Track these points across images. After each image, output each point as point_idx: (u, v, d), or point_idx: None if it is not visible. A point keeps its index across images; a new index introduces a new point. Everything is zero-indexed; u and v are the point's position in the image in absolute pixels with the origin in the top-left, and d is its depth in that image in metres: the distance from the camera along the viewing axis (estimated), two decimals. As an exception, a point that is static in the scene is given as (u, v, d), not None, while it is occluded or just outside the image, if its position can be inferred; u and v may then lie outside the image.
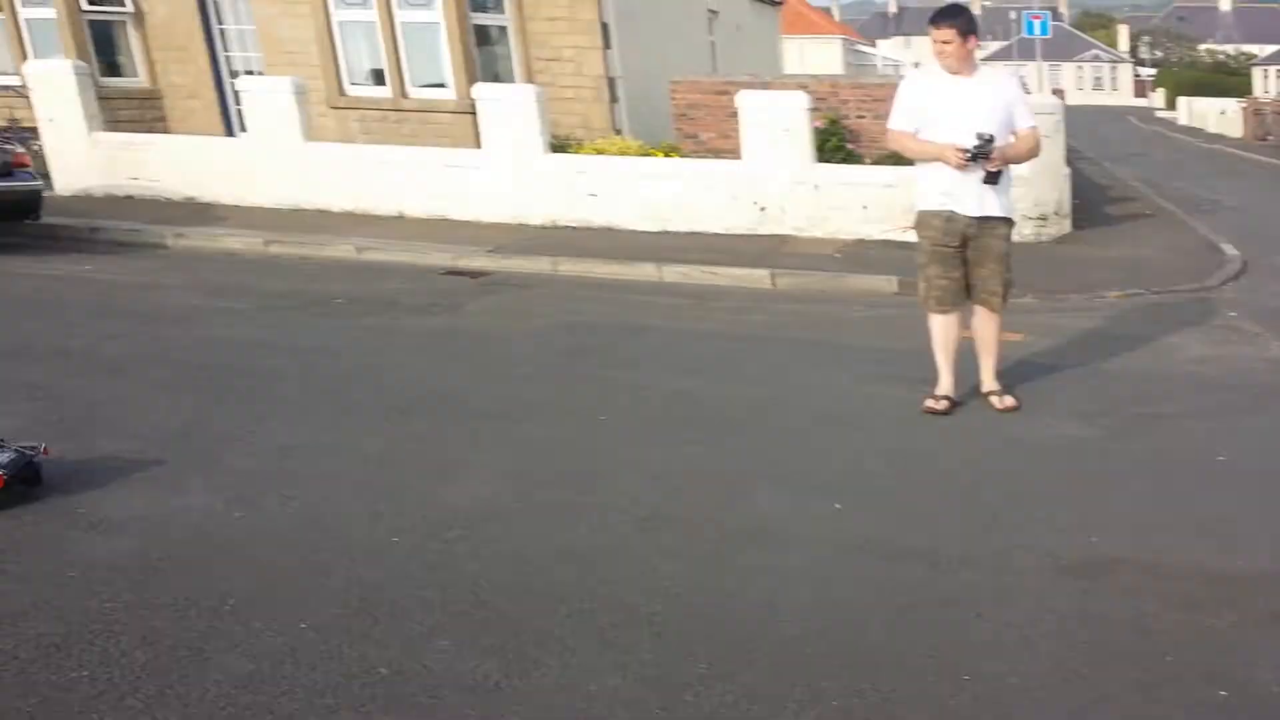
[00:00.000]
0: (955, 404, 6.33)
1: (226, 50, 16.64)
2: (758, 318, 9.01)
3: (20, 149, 11.77)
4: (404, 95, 15.07)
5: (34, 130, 14.03)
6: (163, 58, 16.63)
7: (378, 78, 15.28)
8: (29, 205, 11.35)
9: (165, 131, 15.98)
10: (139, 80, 16.65)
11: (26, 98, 14.39)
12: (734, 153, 12.61)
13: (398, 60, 14.94)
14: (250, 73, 15.70)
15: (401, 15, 14.78)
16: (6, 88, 15.52)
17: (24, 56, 16.02)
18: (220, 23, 16.51)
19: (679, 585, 4.19)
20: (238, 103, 15.95)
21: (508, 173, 12.53)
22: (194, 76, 16.55)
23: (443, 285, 9.94)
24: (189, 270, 10.31)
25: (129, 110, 15.89)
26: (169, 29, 16.43)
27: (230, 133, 16.32)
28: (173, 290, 9.41)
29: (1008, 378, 6.66)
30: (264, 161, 13.20)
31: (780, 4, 27.75)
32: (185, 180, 13.49)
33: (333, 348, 7.70)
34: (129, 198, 13.53)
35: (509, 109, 12.46)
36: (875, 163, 12.66)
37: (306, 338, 7.99)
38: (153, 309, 8.70)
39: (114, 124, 14.56)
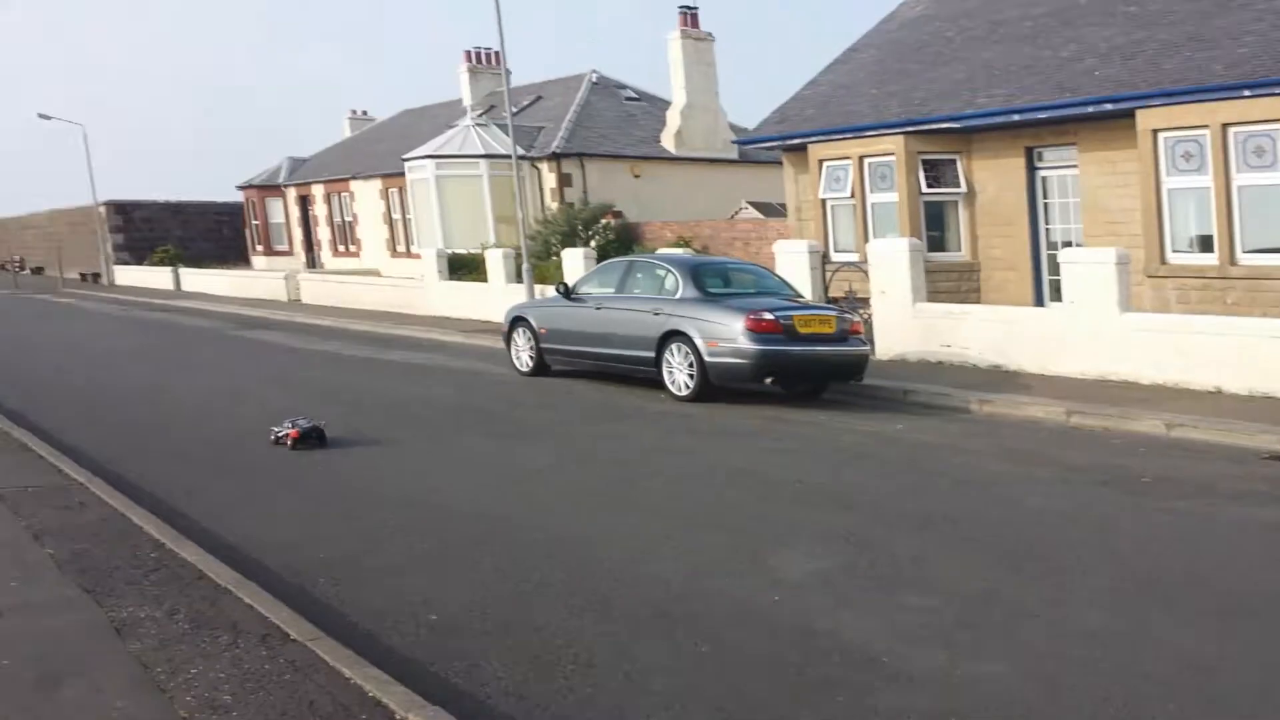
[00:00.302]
0: None
1: (1048, 224, 17.09)
2: None
3: (855, 318, 13.32)
4: (1231, 262, 13.98)
5: (865, 300, 15.75)
6: (986, 233, 17.62)
7: (1203, 244, 14.41)
8: (857, 368, 12.75)
9: (977, 302, 16.84)
10: (960, 254, 17.83)
11: (864, 272, 16.23)
12: None
13: (1229, 225, 13.96)
14: (1067, 244, 15.88)
15: (1240, 179, 13.85)
16: (848, 264, 17.66)
17: (866, 236, 18.17)
18: (1045, 197, 17.06)
19: None
20: (1051, 273, 16.25)
21: (1360, 346, 10.85)
22: (1013, 249, 17.25)
23: (1267, 472, 8.84)
24: (990, 436, 10.57)
25: (947, 282, 17.06)
26: (996, 205, 17.39)
27: (1039, 303, 16.65)
28: (973, 455, 9.73)
29: None
30: (1075, 331, 13.15)
31: None
32: (993, 348, 14.00)
33: (1138, 531, 7.27)
34: (939, 363, 14.42)
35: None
36: None
37: (1109, 516, 7.64)
38: (954, 471, 9.08)
39: (933, 295, 15.72)
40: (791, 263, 16.73)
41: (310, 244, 41.04)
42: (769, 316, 12.18)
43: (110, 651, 4.96)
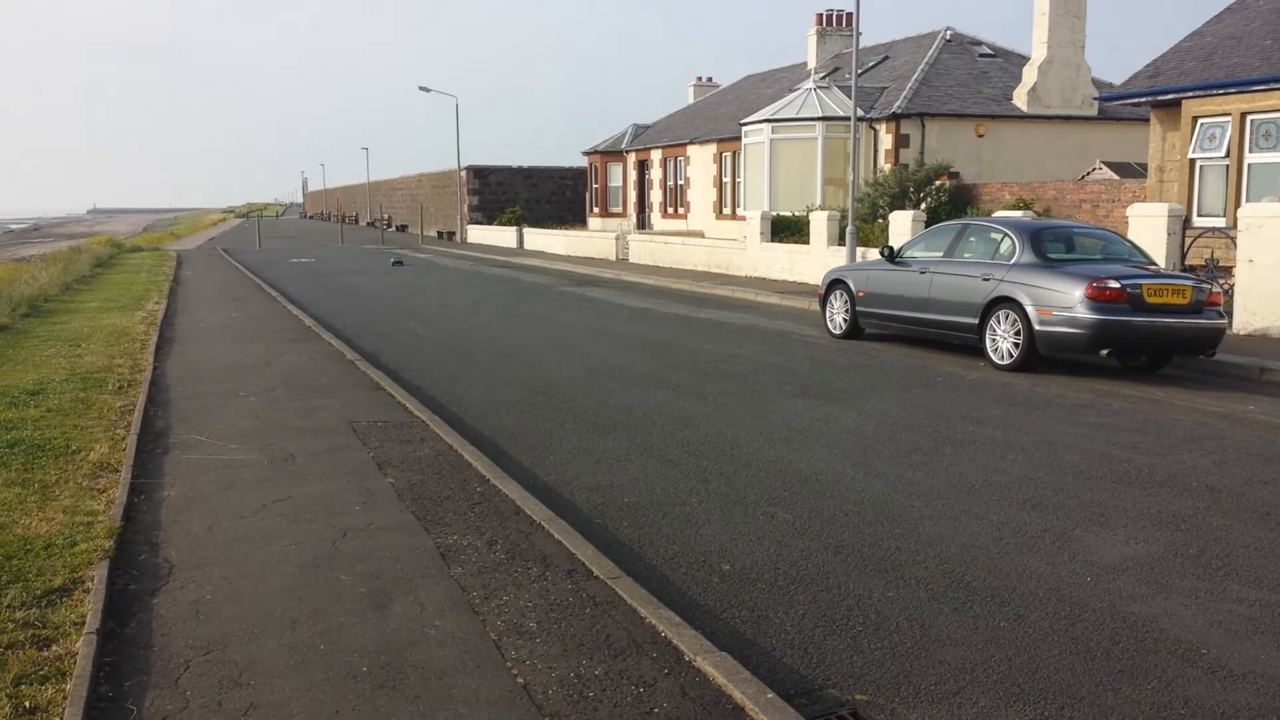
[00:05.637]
0: None
1: None
2: None
3: (1214, 288, 12.11)
4: None
5: (1227, 270, 14.24)
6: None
7: None
8: (1208, 342, 11.60)
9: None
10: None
11: (1229, 239, 14.69)
12: None
13: None
14: None
15: None
16: (1214, 230, 16.08)
17: (1238, 200, 16.44)
18: None
19: None
20: None
21: None
22: None
23: None
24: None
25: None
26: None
27: None
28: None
29: None
30: None
31: None
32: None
33: None
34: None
35: None
36: None
37: None
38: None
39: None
40: (1146, 227, 15.50)
41: (643, 206, 42.56)
42: (1114, 285, 11.33)
43: (434, 574, 5.42)
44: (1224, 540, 6.12)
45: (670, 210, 39.67)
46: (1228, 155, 17.19)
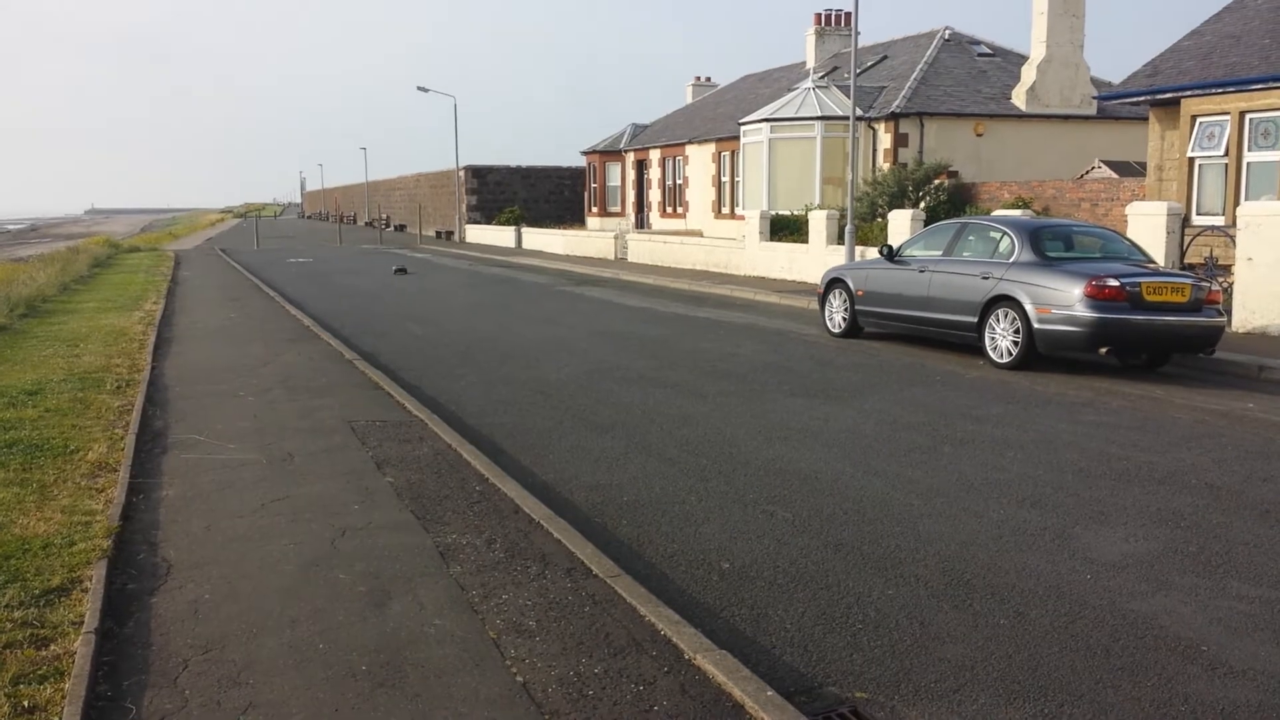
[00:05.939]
0: None
1: None
2: None
3: (1214, 286, 12.12)
4: None
5: (1226, 268, 14.24)
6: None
7: None
8: (1208, 340, 11.60)
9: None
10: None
11: (1229, 237, 14.68)
12: None
13: None
14: None
15: None
16: (1213, 228, 16.08)
17: (1236, 199, 16.43)
18: None
19: None
20: None
21: None
22: None
23: None
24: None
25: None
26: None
27: None
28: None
29: None
30: None
31: None
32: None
33: None
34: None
35: None
36: None
37: None
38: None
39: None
40: (1146, 226, 15.49)
41: (641, 205, 42.56)
42: (1113, 283, 11.31)
43: (433, 573, 5.41)
44: (1223, 537, 6.12)
45: (669, 210, 39.67)
46: (1226, 154, 17.21)
